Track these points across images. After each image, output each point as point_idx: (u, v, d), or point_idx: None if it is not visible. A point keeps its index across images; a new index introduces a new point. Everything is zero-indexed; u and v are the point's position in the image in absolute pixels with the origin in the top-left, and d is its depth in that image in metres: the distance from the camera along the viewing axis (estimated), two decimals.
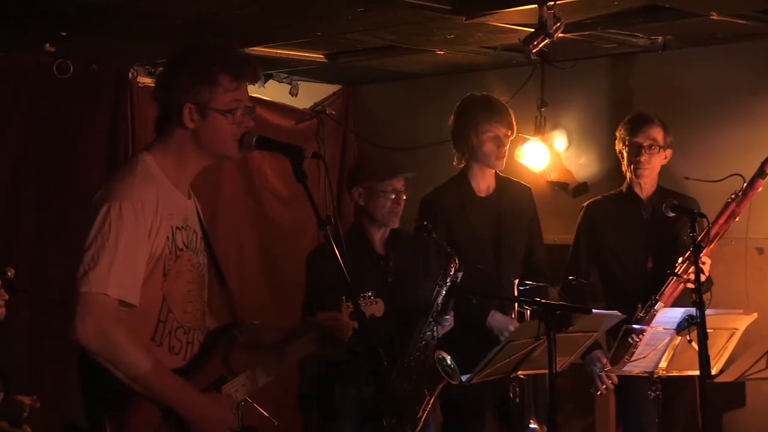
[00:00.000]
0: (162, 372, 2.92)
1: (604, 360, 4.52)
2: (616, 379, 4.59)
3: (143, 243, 2.92)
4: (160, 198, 2.98)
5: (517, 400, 4.27)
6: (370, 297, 3.61)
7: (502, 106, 4.69)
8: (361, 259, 4.26)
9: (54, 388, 5.14)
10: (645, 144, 4.68)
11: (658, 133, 4.70)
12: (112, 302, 2.86)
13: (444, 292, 4.21)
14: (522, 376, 4.22)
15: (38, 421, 4.55)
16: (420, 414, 4.18)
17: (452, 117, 4.75)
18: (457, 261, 4.24)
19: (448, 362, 4.15)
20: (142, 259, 2.92)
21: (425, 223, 4.29)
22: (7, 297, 4.61)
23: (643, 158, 4.67)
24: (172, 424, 2.96)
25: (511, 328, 4.40)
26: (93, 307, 2.84)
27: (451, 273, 4.22)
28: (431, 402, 4.21)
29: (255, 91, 6.20)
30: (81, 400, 2.91)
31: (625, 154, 4.75)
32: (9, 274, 4.67)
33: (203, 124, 3.02)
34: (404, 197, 4.35)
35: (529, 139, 5.91)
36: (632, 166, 4.72)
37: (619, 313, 4.12)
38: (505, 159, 4.69)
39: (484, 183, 4.72)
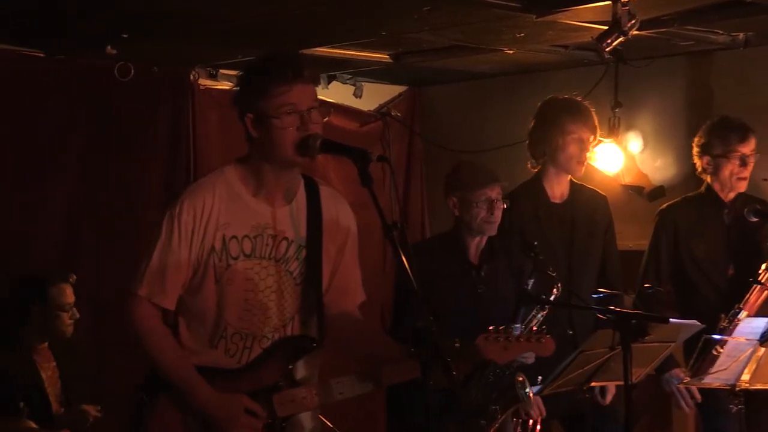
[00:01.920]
0: (180, 368, 3.19)
1: (685, 378, 4.46)
2: (699, 397, 4.53)
3: (181, 248, 3.16)
4: (219, 207, 3.18)
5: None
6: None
7: (587, 109, 4.65)
8: (454, 269, 4.27)
9: (117, 396, 5.24)
10: (749, 153, 4.63)
11: (754, 140, 4.67)
12: (143, 302, 3.19)
13: (540, 316, 4.20)
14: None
15: (102, 429, 4.63)
16: (488, 429, 4.16)
17: (533, 118, 4.72)
18: (560, 286, 4.23)
19: (526, 390, 4.13)
20: (175, 264, 3.17)
21: (535, 243, 4.26)
22: (78, 316, 4.71)
23: (749, 169, 4.63)
24: (200, 419, 3.18)
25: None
26: (128, 305, 3.21)
27: (552, 298, 4.21)
28: (500, 419, 4.19)
29: (318, 92, 6.21)
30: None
31: (722, 163, 4.67)
32: (71, 279, 4.77)
33: (263, 132, 3.16)
34: (502, 206, 4.32)
35: (602, 141, 5.85)
36: (733, 177, 4.66)
37: (698, 323, 4.07)
38: (584, 165, 4.66)
39: (558, 189, 4.69)
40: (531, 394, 4.11)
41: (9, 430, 4.08)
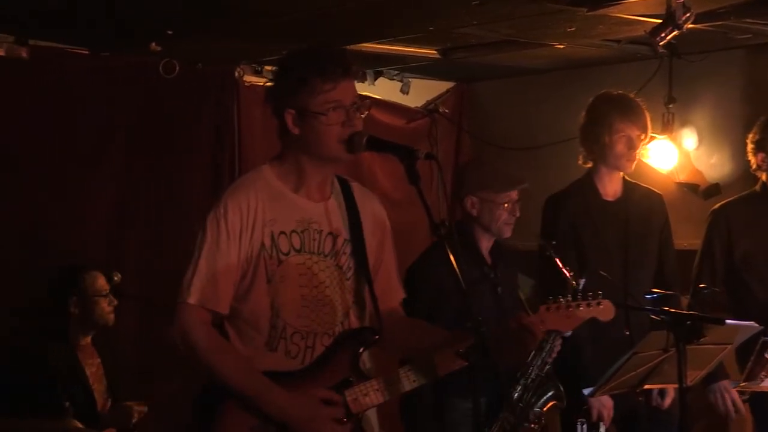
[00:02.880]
0: (246, 375, 3.11)
1: (733, 392, 4.44)
2: (742, 407, 4.50)
3: (230, 249, 3.12)
4: (263, 204, 3.16)
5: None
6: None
7: (638, 106, 4.61)
8: (471, 270, 4.25)
9: (162, 393, 5.28)
10: None
11: None
12: (195, 310, 3.13)
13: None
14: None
15: (147, 426, 4.67)
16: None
17: (583, 114, 4.69)
18: (580, 282, 4.21)
19: (561, 389, 4.12)
20: (225, 266, 3.12)
21: (554, 242, 4.24)
22: (116, 302, 4.77)
23: None
24: (271, 427, 3.10)
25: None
26: (179, 315, 3.14)
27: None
28: (543, 422, 4.17)
29: (365, 89, 6.25)
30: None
31: None
32: (116, 278, 4.83)
33: (305, 128, 3.15)
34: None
35: (656, 137, 5.81)
36: None
37: (756, 325, 4.03)
38: (635, 162, 4.62)
39: (611, 186, 4.66)
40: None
41: (55, 430, 4.11)
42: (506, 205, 4.31)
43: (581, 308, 3.31)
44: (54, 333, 4.70)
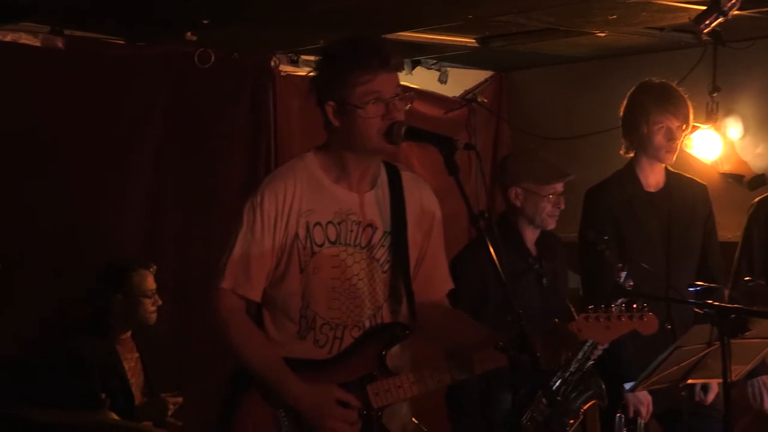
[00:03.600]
0: (267, 362, 3.19)
1: None
2: None
3: (264, 237, 3.17)
4: (301, 193, 3.19)
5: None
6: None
7: (678, 96, 4.56)
8: (515, 261, 4.24)
9: (199, 386, 5.31)
10: None
11: None
12: (227, 294, 3.21)
13: None
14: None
15: (183, 418, 4.70)
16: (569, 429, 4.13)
17: (624, 102, 4.66)
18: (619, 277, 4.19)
19: (603, 387, 4.09)
20: (259, 253, 3.17)
21: (606, 237, 4.22)
22: (160, 303, 4.80)
23: None
24: (291, 414, 3.19)
25: None
26: (212, 299, 3.23)
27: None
28: (580, 419, 4.15)
29: (402, 78, 6.21)
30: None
31: None
32: (152, 269, 4.85)
33: (345, 120, 3.17)
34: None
35: (699, 127, 5.76)
36: None
37: None
38: (676, 153, 4.59)
39: (653, 177, 4.62)
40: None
41: (91, 422, 4.15)
42: (551, 197, 4.30)
43: (622, 320, 3.27)
44: (93, 327, 4.74)
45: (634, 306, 3.32)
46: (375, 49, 3.16)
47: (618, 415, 4.38)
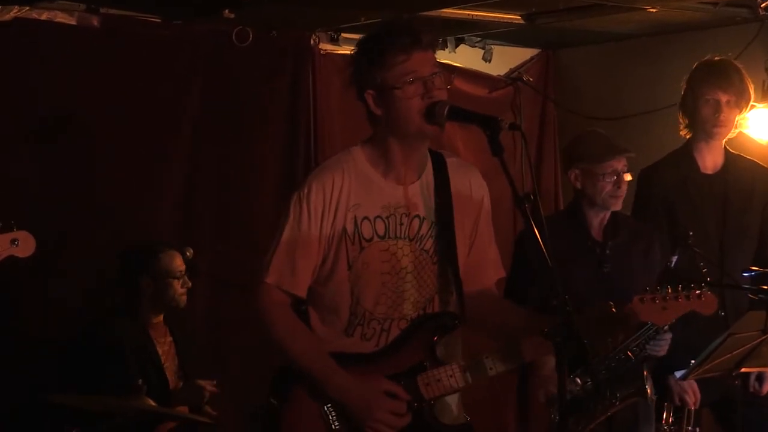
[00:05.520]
0: (312, 355, 3.20)
1: None
2: None
3: (311, 231, 3.18)
4: (348, 187, 3.20)
5: None
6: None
7: (731, 71, 4.52)
8: (575, 245, 4.21)
9: (234, 372, 5.34)
10: None
11: None
12: (272, 290, 3.22)
13: None
14: None
15: (219, 405, 4.72)
16: (598, 415, 4.08)
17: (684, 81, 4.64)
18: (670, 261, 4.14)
19: (648, 386, 4.06)
20: (305, 248, 3.19)
21: (691, 233, 4.17)
22: (190, 285, 4.82)
23: None
24: (338, 408, 3.19)
25: None
26: (257, 294, 3.24)
27: None
28: (613, 411, 4.10)
29: (444, 56, 6.22)
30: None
31: None
32: (188, 254, 4.87)
33: (385, 106, 3.18)
34: (628, 178, 4.24)
35: (755, 105, 5.68)
36: None
37: None
38: (726, 128, 4.52)
39: (710, 158, 4.57)
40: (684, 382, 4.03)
41: (127, 408, 4.18)
42: (610, 175, 4.22)
43: (680, 300, 3.25)
44: (124, 310, 4.77)
45: (692, 285, 3.29)
46: (406, 29, 3.15)
47: (666, 404, 4.35)
